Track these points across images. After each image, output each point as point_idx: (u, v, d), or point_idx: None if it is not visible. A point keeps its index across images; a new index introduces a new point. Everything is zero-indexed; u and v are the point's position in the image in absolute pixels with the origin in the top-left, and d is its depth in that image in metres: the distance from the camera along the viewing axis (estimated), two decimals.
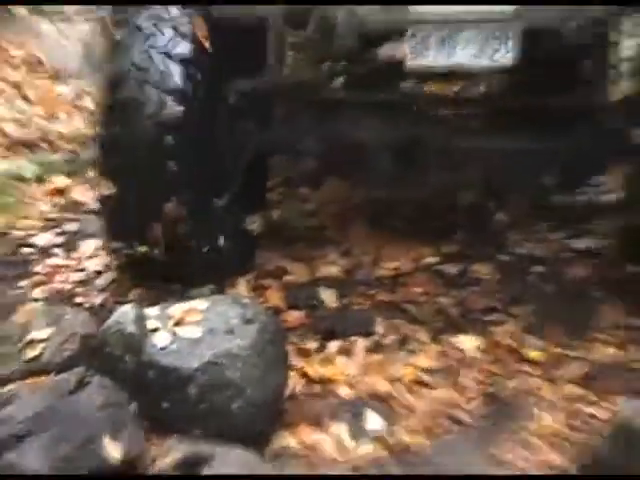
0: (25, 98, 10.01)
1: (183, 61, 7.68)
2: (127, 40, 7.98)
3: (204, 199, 7.79)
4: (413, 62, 7.39)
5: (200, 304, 7.15)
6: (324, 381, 7.49)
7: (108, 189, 7.53)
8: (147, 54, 7.83)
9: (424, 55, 7.44)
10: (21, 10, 11.57)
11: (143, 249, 7.50)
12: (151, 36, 7.88)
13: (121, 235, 7.74)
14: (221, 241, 7.85)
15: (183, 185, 7.69)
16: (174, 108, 7.47)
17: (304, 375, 7.49)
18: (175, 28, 7.90)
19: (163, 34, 7.85)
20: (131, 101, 7.67)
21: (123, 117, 7.79)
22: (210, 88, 7.72)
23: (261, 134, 7.97)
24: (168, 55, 7.70)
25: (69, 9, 11.35)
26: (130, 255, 7.66)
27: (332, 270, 8.21)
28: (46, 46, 10.63)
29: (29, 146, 9.23)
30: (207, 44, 7.66)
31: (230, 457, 6.50)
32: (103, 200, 7.83)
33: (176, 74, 7.60)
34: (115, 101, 7.91)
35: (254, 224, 7.93)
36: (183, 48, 7.81)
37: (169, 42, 7.83)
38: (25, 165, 8.90)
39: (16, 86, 10.15)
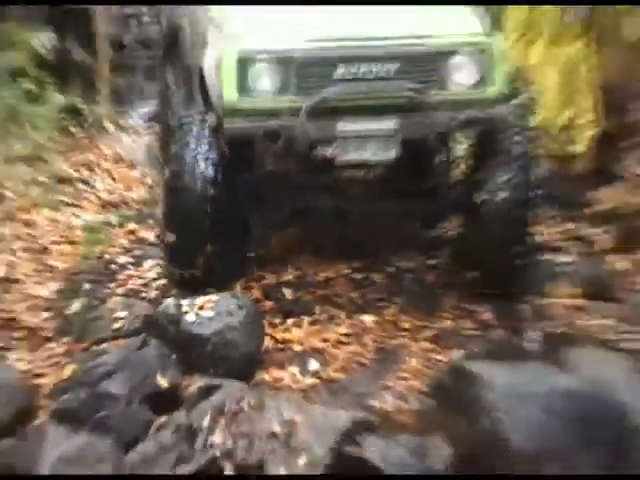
0: (112, 178, 10.20)
1: (214, 163, 7.76)
2: (180, 151, 7.90)
3: (225, 242, 7.87)
4: (340, 159, 7.68)
5: (213, 297, 7.50)
6: (285, 342, 7.77)
7: (170, 237, 7.83)
8: (194, 159, 7.79)
9: (346, 154, 7.69)
10: (110, 127, 11.66)
11: (192, 271, 7.82)
12: (194, 148, 7.80)
13: (177, 263, 7.98)
14: (229, 263, 8.03)
15: (214, 235, 7.76)
16: (210, 190, 7.67)
17: (273, 338, 7.77)
18: (210, 144, 7.86)
19: (202, 147, 7.81)
20: (186, 187, 7.74)
21: (180, 196, 7.83)
22: (227, 178, 7.83)
23: (254, 203, 8.09)
24: (206, 159, 7.75)
25: (138, 126, 11.69)
26: (183, 274, 7.94)
27: (290, 277, 8.49)
28: (125, 148, 10.71)
29: (114, 205, 9.46)
30: (226, 151, 7.84)
31: (230, 387, 6.83)
32: (167, 243, 8.01)
33: (211, 171, 7.71)
34: (175, 187, 7.90)
35: (246, 252, 8.37)
36: (214, 155, 7.79)
37: (206, 152, 7.79)
38: (112, 217, 9.23)
39: (107, 171, 10.20)
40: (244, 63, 7.64)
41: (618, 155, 10.61)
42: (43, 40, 11.87)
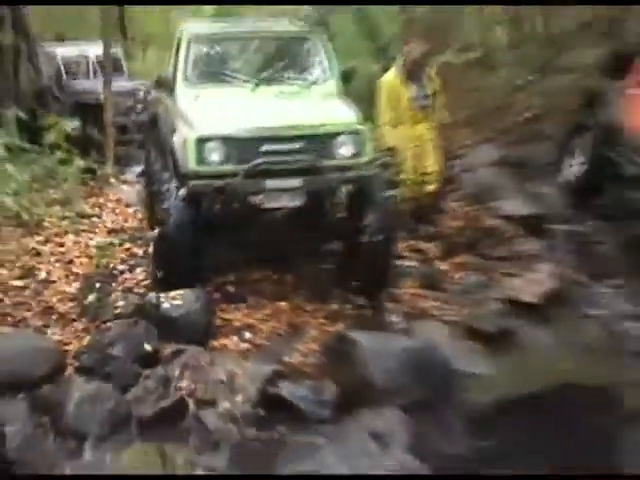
0: (115, 213, 10.13)
1: (184, 213, 7.66)
2: (164, 210, 7.93)
3: (191, 258, 7.69)
4: (265, 204, 7.67)
5: (180, 292, 7.41)
6: (228, 320, 7.70)
7: (157, 255, 7.81)
8: (171, 210, 7.79)
9: (270, 202, 7.67)
10: (114, 180, 11.59)
11: (173, 278, 7.61)
12: (171, 207, 7.76)
13: (162, 271, 7.79)
14: (193, 271, 7.75)
15: (184, 253, 7.59)
16: (182, 226, 7.58)
17: (220, 318, 7.69)
18: (182, 206, 7.79)
19: (176, 205, 7.76)
20: (171, 232, 7.66)
21: (164, 230, 7.74)
22: (192, 218, 7.72)
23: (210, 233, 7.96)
24: (179, 211, 7.68)
25: (131, 179, 11.75)
26: (166, 279, 7.72)
27: (232, 279, 8.34)
28: (123, 194, 10.72)
29: (116, 231, 9.37)
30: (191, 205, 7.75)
31: (192, 350, 6.83)
32: (155, 258, 7.98)
33: (182, 217, 7.62)
34: (162, 229, 7.83)
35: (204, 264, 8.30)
36: (185, 210, 7.70)
37: (179, 208, 7.70)
38: (115, 239, 9.14)
39: (111, 209, 10.15)
40: (201, 143, 7.59)
41: (445, 196, 10.76)
42: (71, 125, 11.80)
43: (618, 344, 7.72)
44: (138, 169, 11.86)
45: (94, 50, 14.28)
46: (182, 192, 7.75)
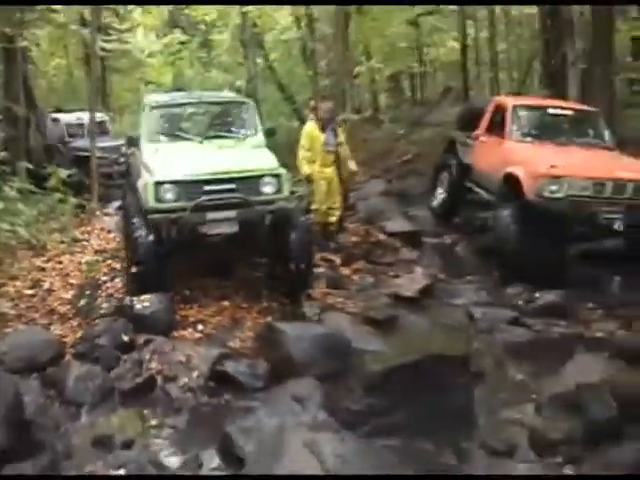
0: (99, 238, 9.96)
1: (149, 240, 7.51)
2: (136, 238, 7.59)
3: (157, 273, 7.50)
4: (209, 232, 7.57)
5: (148, 296, 7.24)
6: (186, 317, 7.52)
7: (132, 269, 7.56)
8: (139, 239, 7.55)
9: (212, 229, 7.58)
10: (99, 213, 11.49)
11: (143, 286, 7.41)
12: (142, 236, 7.55)
13: (136, 281, 7.57)
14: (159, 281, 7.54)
15: (154, 269, 7.46)
16: (150, 249, 7.46)
17: (179, 315, 7.50)
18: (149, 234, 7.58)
19: (146, 235, 7.54)
20: (140, 253, 7.50)
21: (136, 252, 7.55)
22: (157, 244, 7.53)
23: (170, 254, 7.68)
24: (146, 238, 7.53)
25: (112, 212, 11.51)
26: (139, 287, 7.48)
27: (190, 286, 8.09)
28: (106, 223, 10.41)
29: (101, 252, 9.16)
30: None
31: (159, 340, 6.78)
32: (129, 273, 7.73)
33: (148, 243, 7.48)
34: (135, 249, 7.59)
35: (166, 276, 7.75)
36: (150, 237, 7.53)
37: (146, 237, 7.54)
38: (100, 257, 8.97)
39: (97, 235, 10.06)
40: (158, 186, 7.49)
41: (346, 218, 10.79)
42: (68, 173, 11.92)
43: (471, 325, 7.88)
44: (117, 204, 11.70)
45: (87, 117, 14.37)
46: (146, 223, 7.63)
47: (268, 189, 7.77)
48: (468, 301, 8.48)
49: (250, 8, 19.21)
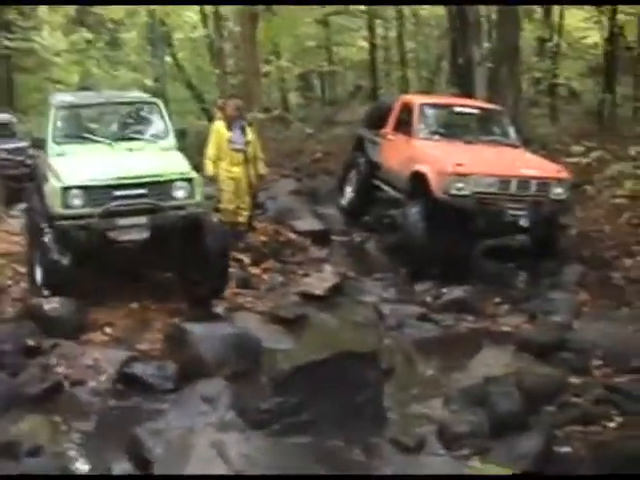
0: (4, 241, 9.59)
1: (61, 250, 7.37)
2: (39, 246, 7.52)
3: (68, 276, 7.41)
4: (119, 238, 7.46)
5: (58, 299, 7.08)
6: (94, 319, 7.30)
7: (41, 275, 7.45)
8: (46, 246, 7.45)
9: (122, 236, 7.44)
10: (3, 215, 11.16)
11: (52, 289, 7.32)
12: (46, 242, 7.43)
13: (45, 284, 7.46)
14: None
15: (62, 273, 7.35)
16: (58, 255, 7.33)
17: (89, 318, 7.26)
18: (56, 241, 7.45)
19: (53, 241, 7.42)
20: (46, 257, 7.36)
21: (44, 257, 7.42)
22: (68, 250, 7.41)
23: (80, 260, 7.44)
24: (55, 244, 7.42)
25: (18, 214, 11.08)
26: (47, 289, 7.37)
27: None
28: (11, 226, 10.15)
29: (5, 255, 8.86)
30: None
31: (67, 344, 6.65)
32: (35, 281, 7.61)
33: (56, 250, 7.35)
34: (43, 255, 7.46)
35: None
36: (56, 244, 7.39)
37: (54, 244, 7.42)
38: (2, 261, 8.71)
39: (2, 237, 9.79)
40: (65, 191, 7.35)
41: (255, 218, 10.67)
42: None
43: (380, 321, 8.02)
44: (22, 206, 11.39)
45: None
46: (52, 229, 7.49)
47: (180, 194, 7.66)
48: (377, 298, 8.66)
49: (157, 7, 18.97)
